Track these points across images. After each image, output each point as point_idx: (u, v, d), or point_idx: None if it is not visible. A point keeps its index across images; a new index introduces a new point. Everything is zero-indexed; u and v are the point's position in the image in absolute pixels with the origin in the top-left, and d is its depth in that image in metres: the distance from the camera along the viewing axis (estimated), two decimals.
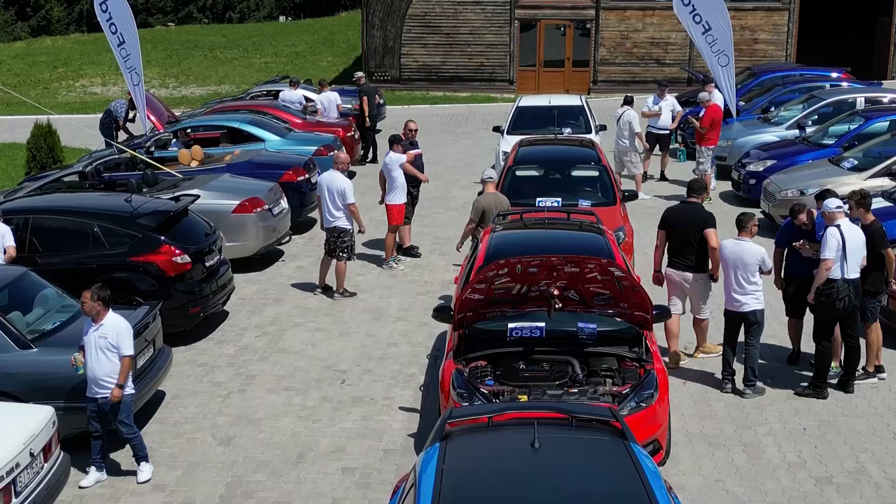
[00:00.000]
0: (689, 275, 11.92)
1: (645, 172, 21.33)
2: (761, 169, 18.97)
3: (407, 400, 11.23)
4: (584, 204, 14.83)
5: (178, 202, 13.36)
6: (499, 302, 9.72)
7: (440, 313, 10.37)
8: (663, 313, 10.24)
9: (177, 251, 12.59)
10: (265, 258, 16.14)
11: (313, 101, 25.02)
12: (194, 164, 18.21)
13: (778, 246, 11.92)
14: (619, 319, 9.80)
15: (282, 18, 68.86)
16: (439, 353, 12.28)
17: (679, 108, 21.67)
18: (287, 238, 16.51)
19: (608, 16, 35.64)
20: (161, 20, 67.35)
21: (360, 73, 24.87)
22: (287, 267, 16.14)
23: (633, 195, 15.38)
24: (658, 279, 12.20)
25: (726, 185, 20.39)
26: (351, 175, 22.45)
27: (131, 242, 12.58)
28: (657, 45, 35.74)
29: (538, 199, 14.91)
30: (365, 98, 23.80)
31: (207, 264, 13.06)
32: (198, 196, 13.98)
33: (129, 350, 9.27)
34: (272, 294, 14.83)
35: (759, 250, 11.02)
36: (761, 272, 11.07)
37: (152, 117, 21.85)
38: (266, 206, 15.68)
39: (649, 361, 9.54)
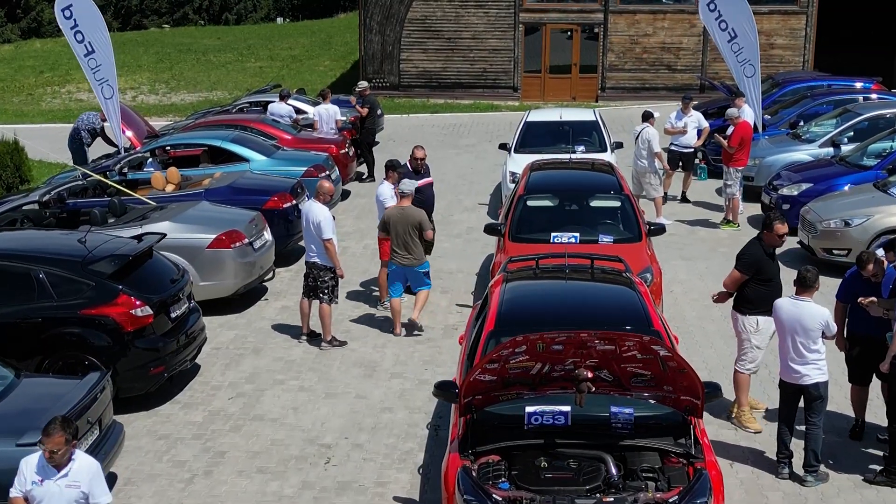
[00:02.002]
0: (732, 311, 10.57)
1: (665, 193, 19.56)
2: (796, 193, 17.21)
3: (403, 486, 9.47)
4: (606, 240, 13.10)
5: (140, 242, 11.58)
6: (514, 383, 7.95)
7: (442, 391, 8.60)
8: (715, 392, 8.49)
9: (136, 302, 10.82)
10: (246, 297, 14.38)
11: (306, 112, 23.21)
12: (170, 188, 16.44)
13: (840, 300, 10.17)
14: (661, 404, 8.03)
15: (279, 20, 67.16)
16: (441, 423, 10.53)
17: (705, 123, 19.89)
18: (271, 275, 14.75)
19: (617, 19, 33.88)
20: (156, 22, 65.63)
21: (364, 83, 23.03)
22: (270, 308, 14.38)
23: (660, 229, 13.60)
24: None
25: (755, 208, 18.63)
26: (346, 195, 20.74)
27: (83, 292, 10.83)
28: (668, 50, 33.99)
29: (553, 233, 13.19)
30: (367, 109, 22.03)
31: (173, 315, 11.29)
32: (163, 235, 12.19)
33: (106, 497, 7.33)
34: (251, 342, 13.06)
35: (822, 313, 9.27)
36: (824, 337, 9.32)
37: (128, 133, 20.08)
38: (246, 241, 13.93)
39: (700, 458, 7.78)
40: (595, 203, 14.06)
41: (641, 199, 18.35)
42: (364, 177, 22.46)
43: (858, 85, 24.11)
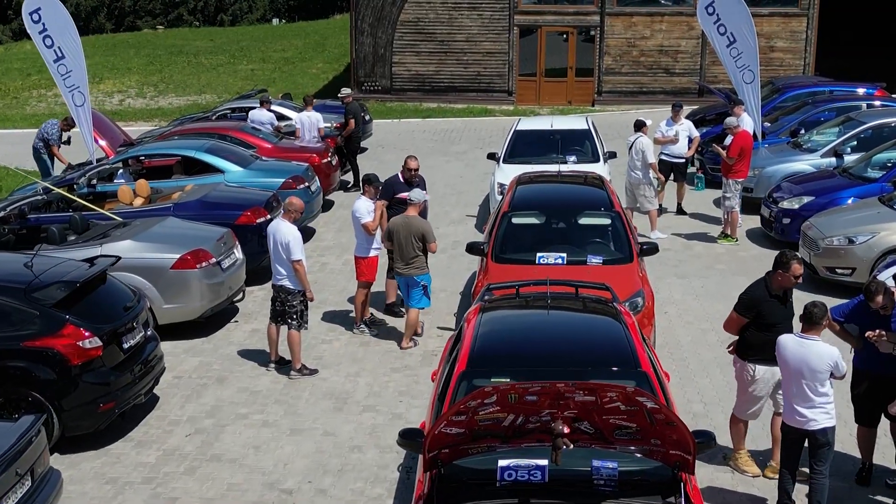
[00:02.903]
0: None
1: (660, 206, 18.74)
2: (797, 206, 16.39)
3: None
4: (595, 261, 12.29)
5: (91, 266, 10.75)
6: (485, 435, 7.13)
7: (407, 441, 7.80)
8: (707, 443, 7.67)
9: (85, 333, 9.99)
10: (214, 319, 13.55)
11: (291, 119, 22.37)
12: (139, 202, 15.63)
13: (838, 320, 9.26)
14: (648, 458, 7.21)
15: (275, 21, 66.37)
16: (414, 464, 9.69)
17: (696, 133, 19.04)
18: (240, 296, 13.93)
19: (614, 22, 33.08)
20: (150, 23, 64.81)
21: (347, 90, 22.20)
22: (240, 331, 13.55)
23: (652, 249, 12.77)
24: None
25: (754, 221, 17.80)
26: (328, 206, 19.89)
27: (27, 322, 9.99)
28: (666, 53, 33.20)
29: (539, 254, 12.37)
30: (352, 120, 21.25)
31: (126, 345, 10.46)
32: (117, 258, 11.35)
33: None
34: (216, 370, 12.23)
35: (830, 353, 8.44)
36: (833, 377, 8.50)
37: (101, 142, 19.25)
38: (213, 260, 13.11)
39: None
40: (584, 221, 13.24)
41: (636, 211, 17.59)
42: (349, 186, 21.65)
43: (861, 91, 23.30)
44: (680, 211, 19.04)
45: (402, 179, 14.18)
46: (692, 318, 13.72)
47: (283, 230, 11.70)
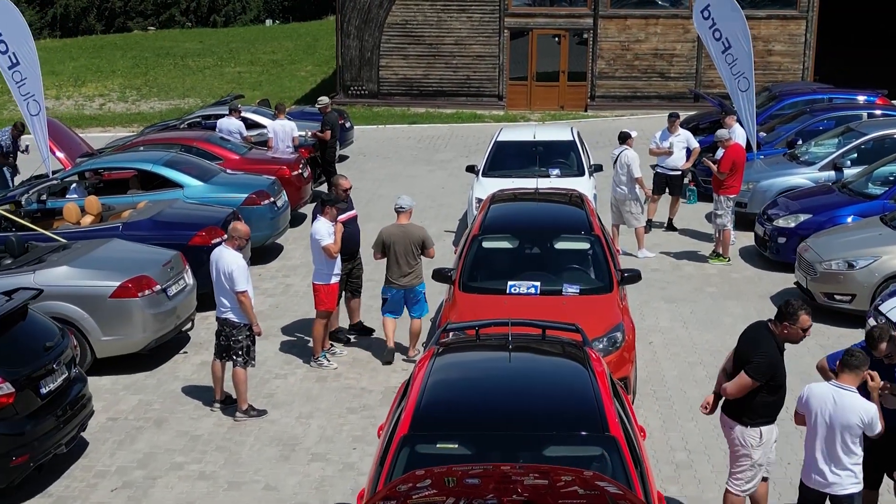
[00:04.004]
0: (728, 420, 8.34)
1: (649, 220, 17.70)
2: (793, 225, 15.35)
3: None
4: (571, 290, 11.26)
5: (8, 301, 9.70)
6: None
7: None
8: None
9: None
10: (161, 350, 12.52)
11: (265, 127, 21.27)
12: (88, 220, 14.59)
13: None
14: None
15: (269, 22, 65.36)
16: None
17: (695, 143, 17.97)
18: (189, 325, 12.88)
19: (607, 24, 32.04)
20: (141, 24, 63.78)
21: (325, 99, 21.12)
22: (188, 364, 12.50)
23: (634, 276, 11.71)
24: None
25: (748, 238, 16.75)
26: (298, 221, 18.75)
27: None
28: (661, 56, 32.16)
29: (510, 282, 11.34)
30: (328, 131, 20.24)
31: (44, 390, 9.41)
32: (39, 291, 10.32)
33: None
34: (155, 411, 11.18)
35: (867, 409, 7.40)
36: (868, 436, 7.45)
37: (59, 154, 18.20)
38: (158, 287, 12.06)
39: None
40: (560, 245, 12.19)
41: (612, 223, 16.58)
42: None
43: (861, 99, 22.22)
44: (670, 227, 18.00)
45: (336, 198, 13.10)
46: (679, 349, 12.68)
47: (226, 258, 10.66)
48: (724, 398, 8.25)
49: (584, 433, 7.03)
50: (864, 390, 7.73)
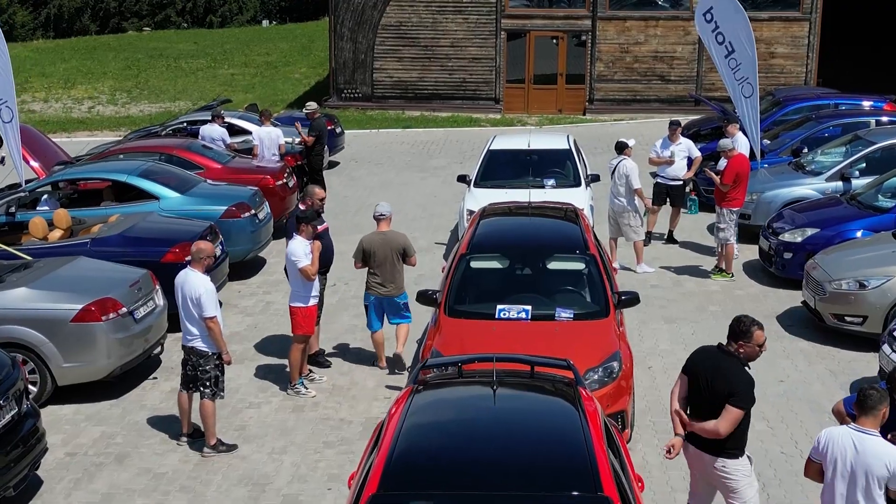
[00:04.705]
0: (707, 457, 7.66)
1: (649, 233, 16.95)
2: (800, 240, 14.61)
3: None
4: (564, 315, 10.53)
5: None
6: None
7: None
8: None
9: None
10: (129, 375, 11.76)
11: (251, 134, 20.51)
12: (57, 234, 13.84)
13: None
14: None
15: (265, 23, 64.65)
16: None
17: (697, 153, 17.21)
18: (159, 349, 12.13)
19: (606, 26, 31.31)
20: (136, 25, 63.08)
21: (313, 105, 20.34)
22: (156, 391, 11.74)
23: (633, 300, 10.96)
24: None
25: (752, 252, 16.00)
26: (282, 232, 17.94)
27: None
28: (661, 59, 31.44)
29: (499, 306, 10.60)
30: (314, 137, 19.50)
31: None
32: None
33: None
34: (117, 445, 10.41)
35: (892, 454, 6.65)
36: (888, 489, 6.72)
37: (33, 163, 17.45)
38: (124, 310, 11.30)
39: None
40: (553, 265, 11.43)
41: (611, 236, 15.84)
42: None
43: (867, 104, 21.46)
44: (671, 239, 17.25)
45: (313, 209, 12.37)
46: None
47: (192, 282, 9.89)
48: (687, 433, 7.69)
49: (574, 493, 6.28)
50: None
